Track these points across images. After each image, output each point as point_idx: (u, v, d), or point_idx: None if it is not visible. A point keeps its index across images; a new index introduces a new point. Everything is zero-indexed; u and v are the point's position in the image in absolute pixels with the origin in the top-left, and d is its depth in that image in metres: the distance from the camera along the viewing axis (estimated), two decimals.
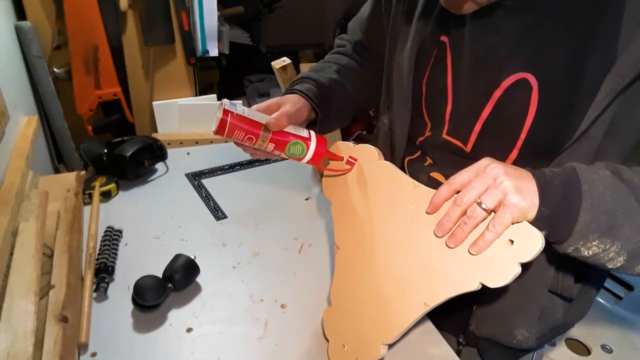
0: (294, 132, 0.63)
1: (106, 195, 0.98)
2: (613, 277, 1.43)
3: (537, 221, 0.48)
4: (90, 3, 1.25)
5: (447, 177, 0.67)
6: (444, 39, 0.67)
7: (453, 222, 0.50)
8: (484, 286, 0.48)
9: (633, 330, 1.28)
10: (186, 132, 1.54)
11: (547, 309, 0.68)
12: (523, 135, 0.59)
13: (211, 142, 1.50)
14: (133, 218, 0.93)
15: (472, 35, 0.62)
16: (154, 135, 1.52)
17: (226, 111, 0.60)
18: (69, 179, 0.97)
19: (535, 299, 0.67)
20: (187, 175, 1.11)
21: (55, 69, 1.34)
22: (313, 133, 0.65)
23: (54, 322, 0.63)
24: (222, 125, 0.60)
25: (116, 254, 0.83)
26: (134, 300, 0.71)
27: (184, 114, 1.52)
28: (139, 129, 1.54)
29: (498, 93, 0.61)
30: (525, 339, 0.69)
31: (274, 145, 0.63)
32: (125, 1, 1.29)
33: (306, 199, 1.04)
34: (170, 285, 0.73)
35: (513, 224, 0.47)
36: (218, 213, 0.98)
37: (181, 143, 1.49)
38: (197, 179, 1.10)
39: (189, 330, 0.70)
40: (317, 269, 0.83)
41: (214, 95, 1.59)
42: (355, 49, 0.88)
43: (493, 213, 0.47)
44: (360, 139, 0.95)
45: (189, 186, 1.07)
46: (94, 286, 0.74)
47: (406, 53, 0.71)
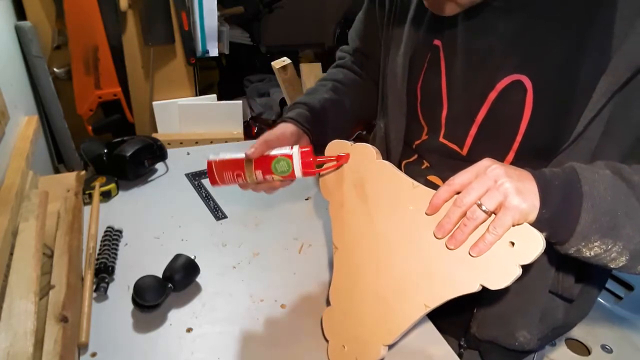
0: (275, 153, 0.63)
1: (106, 195, 0.98)
2: (613, 277, 1.43)
3: (538, 223, 0.47)
4: (90, 3, 1.25)
5: (445, 180, 0.67)
6: (437, 42, 0.66)
7: (453, 224, 0.49)
8: (484, 288, 0.48)
9: (633, 330, 1.28)
10: (186, 132, 1.54)
11: (548, 310, 0.68)
12: (519, 137, 0.59)
13: (211, 142, 1.50)
14: (133, 218, 0.93)
15: (465, 38, 0.62)
16: (154, 135, 1.52)
17: (209, 162, 0.64)
18: (69, 179, 0.97)
19: (536, 300, 0.66)
20: (187, 175, 1.11)
21: (55, 69, 1.34)
22: (296, 146, 0.64)
23: (54, 322, 0.63)
24: (211, 174, 0.64)
25: (116, 254, 0.83)
26: (134, 300, 0.71)
27: (184, 114, 1.52)
28: (139, 129, 1.54)
29: (493, 95, 0.60)
30: (527, 341, 0.69)
31: (260, 171, 0.63)
32: (125, 1, 1.29)
33: (306, 199, 1.04)
34: (170, 285, 0.73)
35: (513, 226, 0.46)
36: (218, 213, 0.98)
37: (181, 143, 1.49)
38: (197, 179, 1.10)
39: (189, 330, 0.70)
40: (317, 269, 0.83)
41: (214, 95, 1.59)
42: (354, 58, 0.88)
43: (493, 215, 0.47)
44: (360, 139, 0.96)
45: (189, 186, 1.07)
46: (94, 286, 0.74)
47: (399, 58, 0.71)
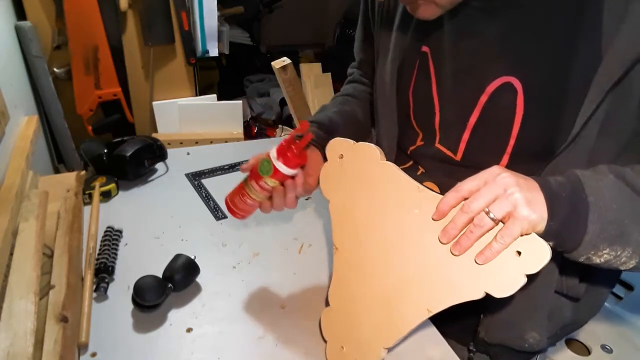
0: None
1: (106, 195, 0.98)
2: None
3: (545, 234, 0.47)
4: (90, 3, 1.25)
5: (440, 186, 0.67)
6: (425, 49, 0.66)
7: (459, 230, 0.48)
8: (489, 295, 0.48)
9: (633, 330, 1.28)
10: (186, 132, 1.54)
11: (555, 310, 0.68)
12: (512, 140, 0.59)
13: (211, 142, 1.50)
14: (133, 218, 0.93)
15: (452, 42, 0.62)
16: (154, 135, 1.52)
17: (225, 200, 0.71)
18: (69, 179, 0.97)
19: (542, 301, 0.66)
20: (187, 175, 1.11)
21: (55, 69, 1.34)
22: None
23: (54, 322, 0.63)
24: (230, 210, 0.70)
25: (116, 254, 0.83)
26: (134, 300, 0.71)
27: (184, 114, 1.52)
28: (139, 129, 1.54)
29: (484, 99, 0.60)
30: (537, 342, 0.68)
31: (254, 180, 0.65)
32: (125, 1, 1.29)
33: (306, 199, 1.04)
34: (170, 285, 0.73)
35: (521, 235, 0.46)
36: (218, 213, 0.98)
37: (181, 143, 1.49)
38: (197, 179, 1.10)
39: (189, 330, 0.70)
40: (317, 269, 0.83)
41: (214, 95, 1.59)
42: (361, 70, 0.89)
43: (501, 223, 0.47)
44: None
45: (189, 186, 1.07)
46: (94, 286, 0.74)
47: (387, 65, 0.70)
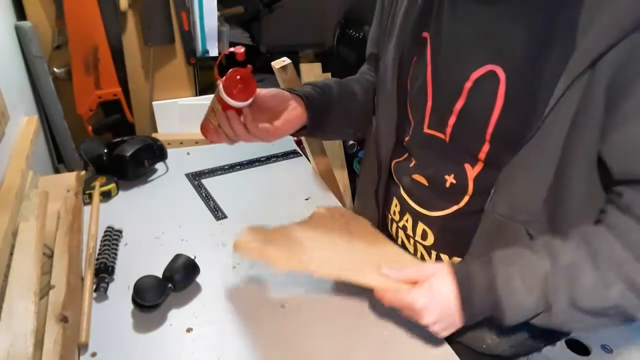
0: None
1: (106, 195, 0.98)
2: None
3: (467, 322, 0.61)
4: (90, 3, 1.25)
5: (428, 179, 0.71)
6: (425, 35, 0.67)
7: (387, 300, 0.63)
8: None
9: (633, 330, 1.28)
10: (186, 132, 1.54)
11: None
12: (490, 128, 0.60)
13: (211, 142, 1.50)
14: (133, 218, 0.93)
15: (448, 28, 0.63)
16: (154, 135, 1.52)
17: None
18: (69, 179, 0.97)
19: None
20: (187, 175, 1.11)
21: (55, 69, 1.34)
22: None
23: (54, 322, 0.63)
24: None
25: (116, 254, 0.83)
26: (134, 300, 0.71)
27: (184, 114, 1.52)
28: (139, 129, 1.54)
29: (468, 85, 0.62)
30: (495, 344, 0.69)
31: (212, 103, 0.77)
32: (125, 1, 1.29)
33: (306, 199, 1.04)
34: (170, 285, 0.73)
35: None
36: (218, 213, 0.98)
37: (181, 143, 1.49)
38: (197, 179, 1.10)
39: (189, 330, 0.70)
40: None
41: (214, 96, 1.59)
42: (369, 64, 0.90)
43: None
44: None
45: (189, 186, 1.07)
46: (94, 286, 0.74)
47: (390, 51, 0.72)
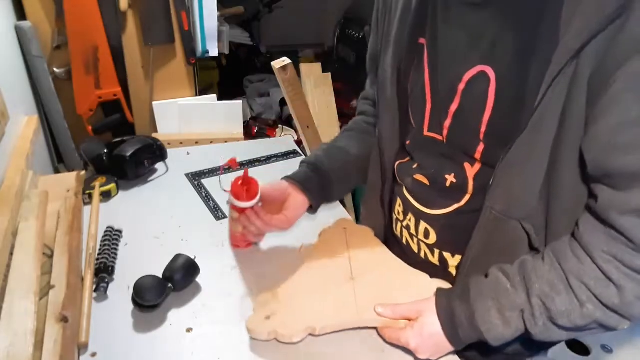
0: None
1: (106, 195, 0.98)
2: None
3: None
4: (90, 3, 1.25)
5: (429, 178, 0.72)
6: (422, 41, 0.69)
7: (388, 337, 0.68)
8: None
9: (633, 330, 1.28)
10: (186, 132, 1.54)
11: None
12: (483, 127, 0.61)
13: (211, 142, 1.50)
14: (133, 218, 0.93)
15: (443, 33, 0.65)
16: (154, 135, 1.52)
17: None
18: (69, 179, 0.97)
19: None
20: (187, 175, 1.11)
21: (55, 69, 1.34)
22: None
23: (54, 322, 0.63)
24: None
25: (116, 254, 0.83)
26: (134, 300, 0.71)
27: (184, 114, 1.52)
28: (139, 129, 1.54)
29: (461, 87, 0.63)
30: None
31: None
32: (125, 1, 1.29)
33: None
34: (170, 285, 0.73)
35: None
36: (218, 213, 0.98)
37: (181, 143, 1.49)
38: (197, 179, 1.10)
39: (189, 330, 0.70)
40: None
41: (214, 95, 1.59)
42: (368, 99, 0.92)
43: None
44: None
45: (189, 186, 1.07)
46: (94, 286, 0.74)
47: (388, 58, 0.73)
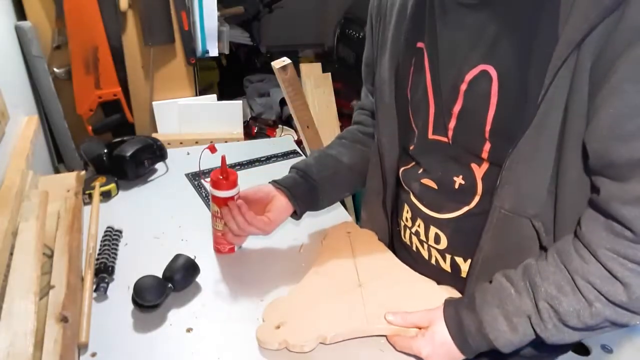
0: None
1: (106, 195, 0.98)
2: None
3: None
4: (90, 3, 1.25)
5: (437, 182, 0.71)
6: (420, 45, 0.69)
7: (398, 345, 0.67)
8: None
9: (633, 330, 1.28)
10: (186, 132, 1.54)
11: None
12: (488, 126, 0.61)
13: (211, 142, 1.50)
14: (133, 218, 0.93)
15: (442, 36, 0.65)
16: (154, 135, 1.52)
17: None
18: (69, 179, 0.97)
19: None
20: (187, 175, 1.11)
21: (55, 69, 1.34)
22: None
23: (54, 322, 0.63)
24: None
25: (116, 254, 0.83)
26: (134, 300, 0.71)
27: (184, 114, 1.52)
28: (139, 129, 1.54)
29: (464, 87, 0.63)
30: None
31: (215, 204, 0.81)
32: (125, 1, 1.29)
33: None
34: (170, 285, 0.73)
35: None
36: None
37: (181, 143, 1.49)
38: (197, 179, 1.10)
39: (189, 330, 0.70)
40: None
41: (214, 95, 1.59)
42: (364, 109, 0.92)
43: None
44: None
45: (189, 186, 1.07)
46: (94, 286, 0.74)
47: (385, 63, 0.73)
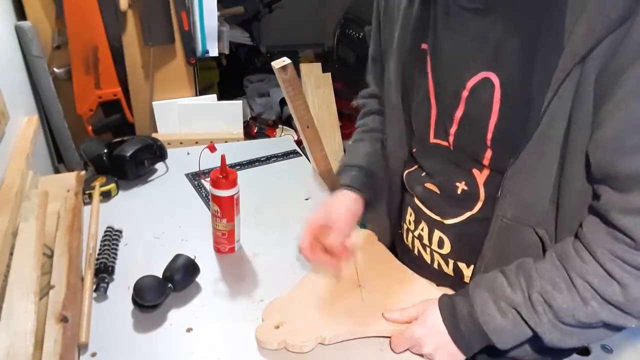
0: None
1: (106, 195, 0.98)
2: None
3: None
4: (90, 3, 1.25)
5: (439, 187, 0.71)
6: (424, 46, 0.68)
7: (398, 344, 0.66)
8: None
9: (633, 330, 1.28)
10: (186, 132, 1.54)
11: None
12: (490, 134, 0.61)
13: (210, 142, 1.51)
14: (133, 218, 0.93)
15: (445, 40, 0.64)
16: (154, 135, 1.52)
17: None
18: (69, 179, 0.97)
19: None
20: (187, 175, 1.11)
21: (55, 69, 1.34)
22: None
23: (54, 322, 0.63)
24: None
25: (116, 254, 0.83)
26: (134, 300, 0.71)
27: (184, 114, 1.52)
28: (139, 129, 1.54)
29: (465, 94, 0.62)
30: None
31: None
32: (125, 1, 1.29)
33: (306, 199, 1.04)
34: (170, 285, 0.73)
35: None
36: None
37: (181, 143, 1.49)
38: (197, 179, 1.10)
39: (189, 330, 0.70)
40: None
41: (214, 95, 1.59)
42: (376, 97, 0.91)
43: None
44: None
45: (189, 186, 1.07)
46: (94, 286, 0.74)
47: (391, 64, 0.73)
